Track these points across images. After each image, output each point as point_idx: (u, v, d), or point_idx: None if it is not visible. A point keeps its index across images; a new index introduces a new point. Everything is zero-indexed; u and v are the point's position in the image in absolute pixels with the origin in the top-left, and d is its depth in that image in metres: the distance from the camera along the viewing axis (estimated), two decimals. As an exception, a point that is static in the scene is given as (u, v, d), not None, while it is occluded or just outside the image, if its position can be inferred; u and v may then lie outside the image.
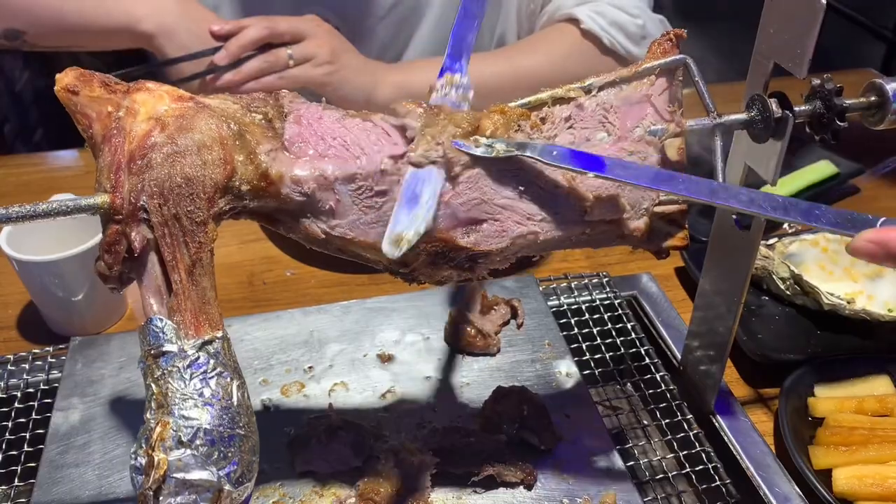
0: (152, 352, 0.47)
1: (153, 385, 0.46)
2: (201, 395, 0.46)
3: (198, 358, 0.46)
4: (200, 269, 0.47)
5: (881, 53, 2.80)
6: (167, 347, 0.46)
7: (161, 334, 0.46)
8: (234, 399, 0.47)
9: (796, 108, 0.58)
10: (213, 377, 0.46)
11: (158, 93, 0.49)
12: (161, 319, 0.47)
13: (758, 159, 0.63)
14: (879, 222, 0.51)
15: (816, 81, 0.59)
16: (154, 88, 0.49)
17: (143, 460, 0.45)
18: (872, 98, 0.58)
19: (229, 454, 0.46)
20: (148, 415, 0.46)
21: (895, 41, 2.77)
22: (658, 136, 0.57)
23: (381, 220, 0.52)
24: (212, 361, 0.47)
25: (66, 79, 0.48)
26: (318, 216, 0.52)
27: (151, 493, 0.44)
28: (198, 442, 0.45)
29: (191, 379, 0.46)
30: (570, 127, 0.56)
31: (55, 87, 0.48)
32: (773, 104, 0.58)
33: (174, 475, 0.45)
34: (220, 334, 0.48)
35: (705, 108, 0.58)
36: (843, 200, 1.14)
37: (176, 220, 0.47)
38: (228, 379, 0.47)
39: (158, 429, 0.45)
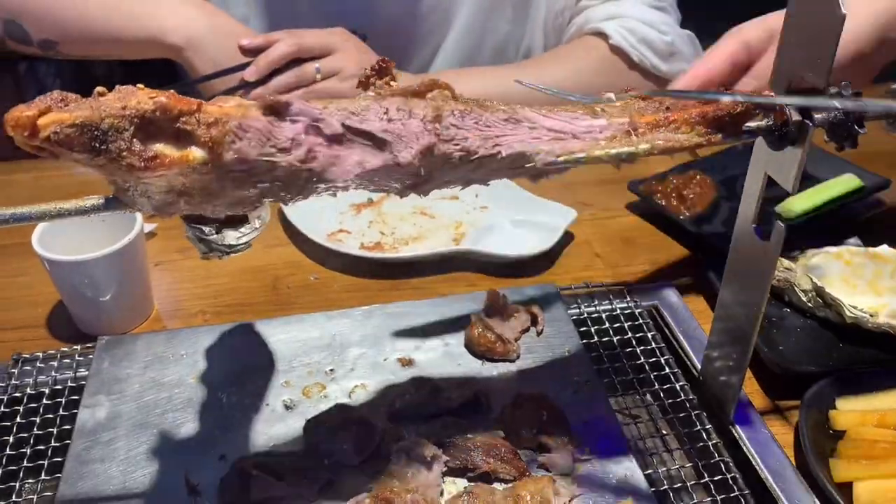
0: None
1: None
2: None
3: None
4: None
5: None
6: None
7: None
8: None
9: (814, 116, 0.58)
10: None
11: None
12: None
13: (778, 168, 0.63)
14: None
15: (833, 88, 0.59)
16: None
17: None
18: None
19: None
20: None
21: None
22: None
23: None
24: None
25: None
26: None
27: None
28: None
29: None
30: None
31: None
32: (791, 111, 0.59)
33: None
34: None
35: None
36: (868, 214, 1.13)
37: None
38: None
39: None
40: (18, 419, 0.77)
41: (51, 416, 0.78)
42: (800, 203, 1.09)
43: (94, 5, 1.11)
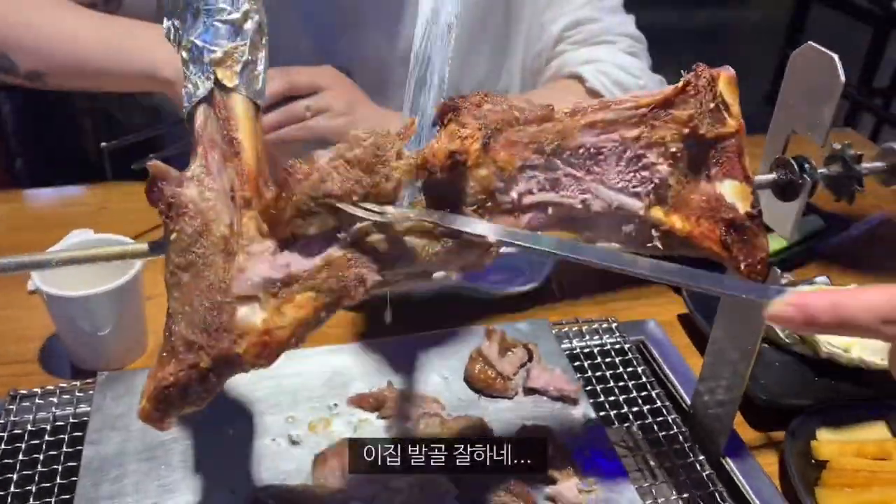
0: None
1: None
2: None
3: None
4: None
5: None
6: None
7: None
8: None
9: (819, 171, 0.64)
10: None
11: None
12: None
13: (775, 217, 0.68)
14: (794, 290, 0.49)
15: (837, 146, 0.65)
16: None
17: None
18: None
19: None
20: None
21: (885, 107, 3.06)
22: None
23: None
24: None
25: None
26: None
27: None
28: None
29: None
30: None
31: None
32: (798, 168, 0.64)
33: None
34: None
35: None
36: (833, 252, 1.20)
37: None
38: None
39: None
40: (21, 457, 0.76)
41: (54, 453, 0.77)
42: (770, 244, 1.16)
43: (87, 39, 1.11)
